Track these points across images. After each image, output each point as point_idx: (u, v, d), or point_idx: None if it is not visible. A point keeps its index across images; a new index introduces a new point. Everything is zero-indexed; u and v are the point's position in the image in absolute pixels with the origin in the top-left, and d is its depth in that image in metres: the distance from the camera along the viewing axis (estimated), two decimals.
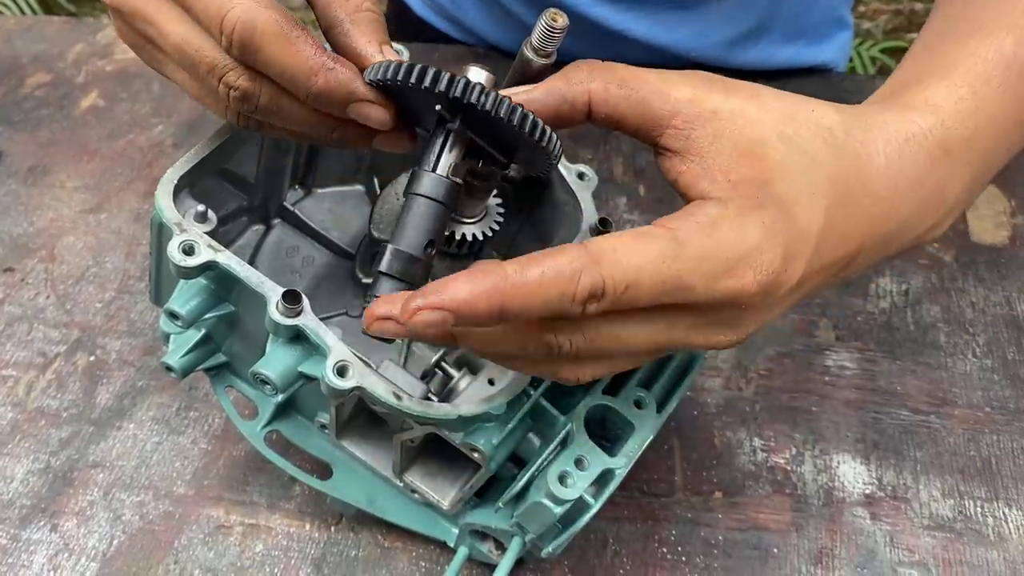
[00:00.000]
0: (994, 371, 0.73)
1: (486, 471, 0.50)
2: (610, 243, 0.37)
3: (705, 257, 0.37)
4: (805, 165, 0.41)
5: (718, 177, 0.40)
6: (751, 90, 0.43)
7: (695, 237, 0.38)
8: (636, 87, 0.42)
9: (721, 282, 0.38)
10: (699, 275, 0.37)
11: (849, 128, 0.44)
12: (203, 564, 0.61)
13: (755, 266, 0.38)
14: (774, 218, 0.39)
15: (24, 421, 0.69)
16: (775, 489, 0.66)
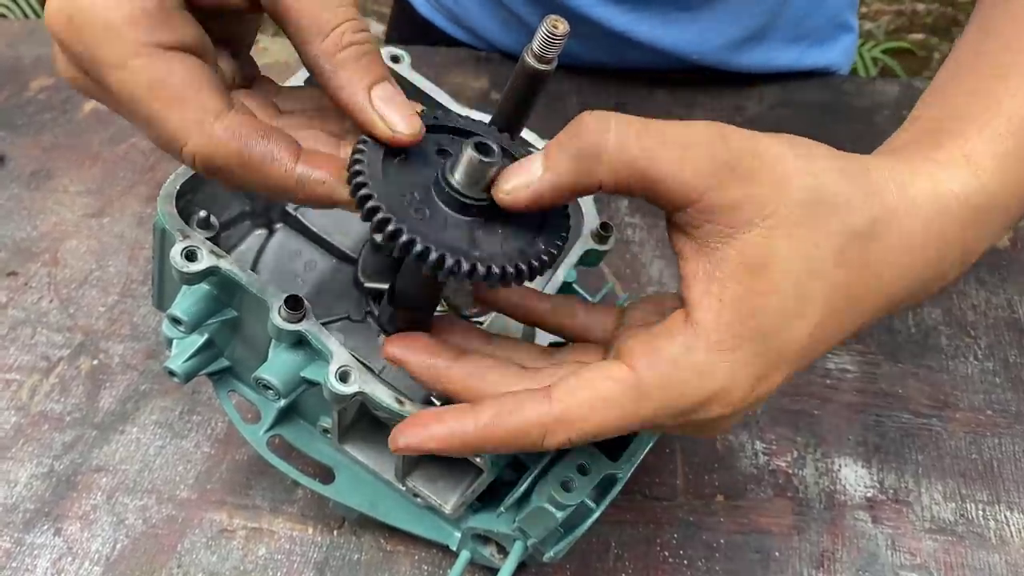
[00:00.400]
0: (996, 374, 0.73)
1: (488, 475, 0.51)
2: (575, 399, 0.39)
3: (668, 404, 0.39)
4: (807, 277, 0.39)
5: (712, 289, 0.39)
6: (776, 173, 0.39)
7: (658, 383, 0.38)
8: (650, 164, 0.38)
9: (686, 418, 0.39)
10: (663, 417, 0.39)
11: (875, 215, 0.40)
12: (206, 568, 0.61)
13: (721, 402, 0.39)
14: (747, 358, 0.38)
15: (28, 425, 0.69)
16: (777, 492, 0.66)
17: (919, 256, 0.42)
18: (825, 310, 0.39)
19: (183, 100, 0.37)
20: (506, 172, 0.40)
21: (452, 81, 0.95)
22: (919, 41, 2.41)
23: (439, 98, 0.57)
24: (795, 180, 0.39)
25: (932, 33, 2.40)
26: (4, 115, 0.94)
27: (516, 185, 0.40)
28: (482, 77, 0.96)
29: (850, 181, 0.40)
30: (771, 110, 0.94)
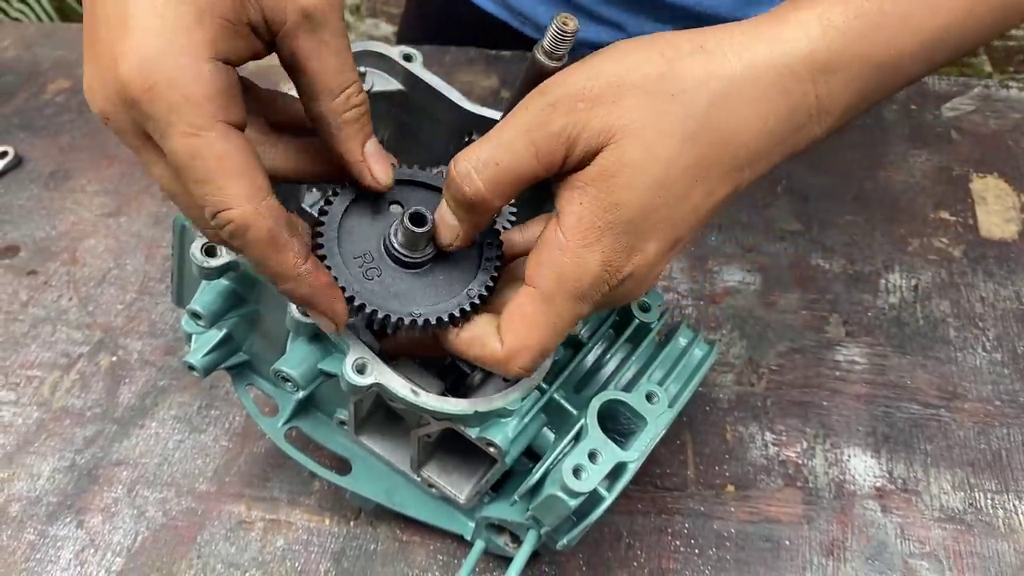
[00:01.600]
0: (1004, 365, 0.73)
1: (502, 465, 0.52)
2: (513, 334, 0.46)
3: (571, 298, 0.45)
4: (660, 167, 0.43)
5: (574, 196, 0.44)
6: (611, 97, 0.43)
7: (554, 287, 0.44)
8: (512, 174, 0.44)
9: (594, 301, 0.45)
10: (577, 309, 0.45)
11: (712, 90, 0.44)
12: (225, 559, 0.62)
13: (611, 280, 0.45)
14: (612, 244, 0.44)
15: (49, 420, 0.70)
16: (786, 482, 0.66)
17: (768, 114, 0.45)
18: (683, 186, 0.44)
19: (242, 174, 0.41)
20: (437, 232, 0.47)
21: (463, 80, 0.96)
22: None
23: (451, 95, 0.58)
24: (630, 96, 0.43)
25: None
26: (23, 117, 0.95)
27: (448, 241, 0.47)
28: (492, 76, 0.97)
29: (685, 67, 0.44)
30: None
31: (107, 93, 0.41)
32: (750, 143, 0.45)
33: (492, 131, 0.45)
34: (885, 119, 0.93)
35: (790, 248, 0.82)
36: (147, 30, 0.40)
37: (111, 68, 0.40)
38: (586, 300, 0.45)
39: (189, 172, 0.41)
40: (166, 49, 0.40)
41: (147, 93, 0.40)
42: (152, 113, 0.40)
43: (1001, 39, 2.37)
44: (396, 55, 0.59)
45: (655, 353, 0.56)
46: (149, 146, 0.42)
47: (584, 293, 0.44)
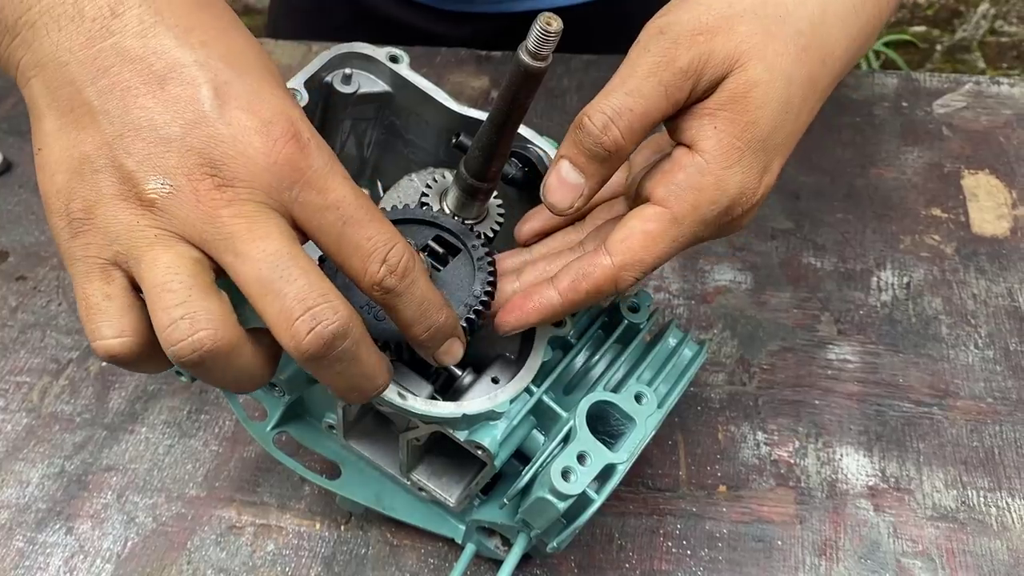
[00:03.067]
0: (996, 362, 0.73)
1: (491, 468, 0.51)
2: (628, 246, 0.46)
3: (701, 220, 0.46)
4: (783, 85, 0.46)
5: (706, 122, 0.46)
6: (727, 30, 0.46)
7: (689, 208, 0.45)
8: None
9: (717, 225, 0.47)
10: (700, 232, 0.47)
11: (809, 8, 0.49)
12: (215, 564, 0.62)
13: (742, 203, 0.47)
14: (749, 163, 0.46)
15: (39, 426, 0.70)
16: (779, 482, 0.66)
17: (852, 22, 0.51)
18: (800, 100, 0.47)
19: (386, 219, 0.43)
20: (555, 197, 0.48)
21: (452, 80, 0.96)
22: (920, 33, 2.41)
23: (438, 97, 0.58)
24: (743, 23, 0.46)
25: (934, 25, 2.40)
26: (11, 122, 0.95)
27: (568, 203, 0.48)
28: (482, 76, 0.97)
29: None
30: None
31: (232, 157, 0.39)
32: (841, 57, 0.50)
33: (612, 82, 0.46)
34: (876, 116, 0.93)
35: (781, 246, 0.81)
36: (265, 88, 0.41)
37: (252, 128, 0.40)
38: (710, 225, 0.47)
39: (357, 214, 0.41)
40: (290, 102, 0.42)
41: (304, 147, 0.40)
42: (314, 163, 0.40)
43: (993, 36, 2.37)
44: (382, 56, 0.59)
45: (644, 354, 0.56)
46: (269, 221, 0.40)
47: (714, 217, 0.46)
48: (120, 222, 0.39)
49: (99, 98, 0.40)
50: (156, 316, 0.39)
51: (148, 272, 0.39)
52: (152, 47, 0.40)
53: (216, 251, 0.39)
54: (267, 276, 0.39)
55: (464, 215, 0.53)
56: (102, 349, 0.40)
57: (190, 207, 0.39)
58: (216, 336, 0.38)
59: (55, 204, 0.41)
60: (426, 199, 0.54)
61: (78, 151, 0.40)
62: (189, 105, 0.40)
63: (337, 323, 0.39)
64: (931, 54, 2.43)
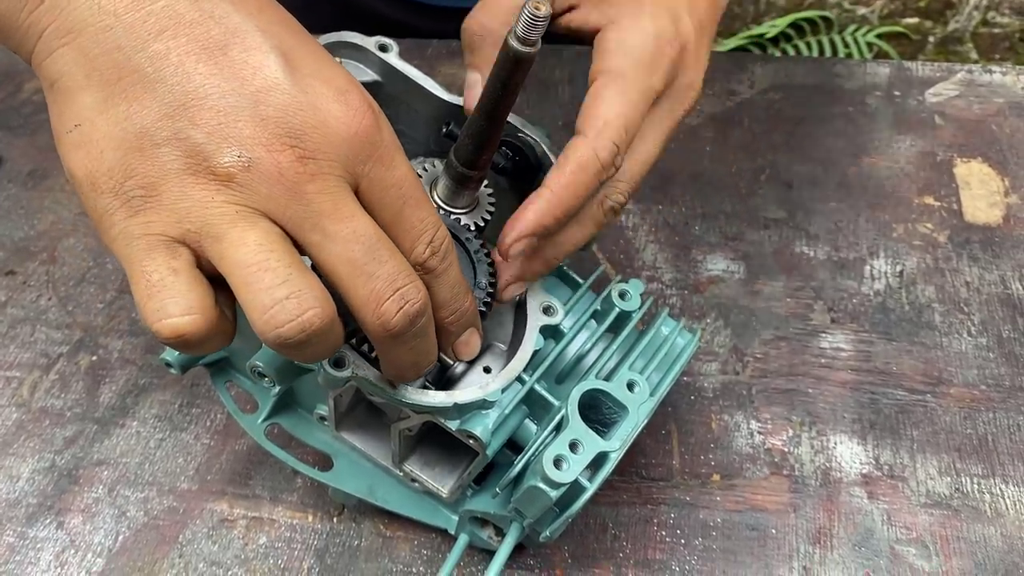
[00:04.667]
0: (989, 349, 0.73)
1: (483, 458, 0.51)
2: (590, 117, 0.49)
3: (640, 69, 0.50)
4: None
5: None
6: None
7: (622, 61, 0.50)
8: None
9: (665, 77, 0.51)
10: (649, 82, 0.50)
11: None
12: (207, 558, 0.62)
13: (669, 51, 0.51)
14: (654, 13, 0.51)
15: (29, 421, 0.69)
16: (772, 471, 0.66)
17: None
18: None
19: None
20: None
21: (445, 72, 0.96)
22: (913, 25, 2.41)
23: (428, 86, 0.57)
24: None
25: (926, 17, 2.40)
26: (0, 117, 0.94)
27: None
28: None
29: None
30: (763, 94, 0.94)
31: (313, 127, 0.37)
32: None
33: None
34: (868, 105, 0.93)
35: (774, 236, 0.81)
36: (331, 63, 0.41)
37: (330, 97, 0.38)
38: (655, 71, 0.50)
39: (416, 193, 0.41)
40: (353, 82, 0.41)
41: (378, 119, 0.40)
42: (385, 137, 0.40)
43: (986, 27, 2.37)
44: (371, 45, 0.58)
45: (636, 342, 0.55)
46: (350, 197, 0.39)
47: (649, 59, 0.49)
48: (191, 198, 0.36)
49: (152, 64, 0.36)
50: (255, 297, 0.36)
51: (236, 251, 0.36)
52: (208, 10, 0.37)
53: (300, 229, 0.37)
54: (359, 258, 0.38)
55: (454, 204, 0.53)
56: (169, 328, 0.36)
57: (272, 181, 0.36)
58: (323, 314, 0.37)
59: (105, 183, 0.37)
60: None
61: (132, 124, 0.36)
62: (258, 71, 0.37)
63: (420, 301, 0.40)
64: (924, 46, 2.43)
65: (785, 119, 0.91)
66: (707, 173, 0.86)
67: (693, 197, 0.84)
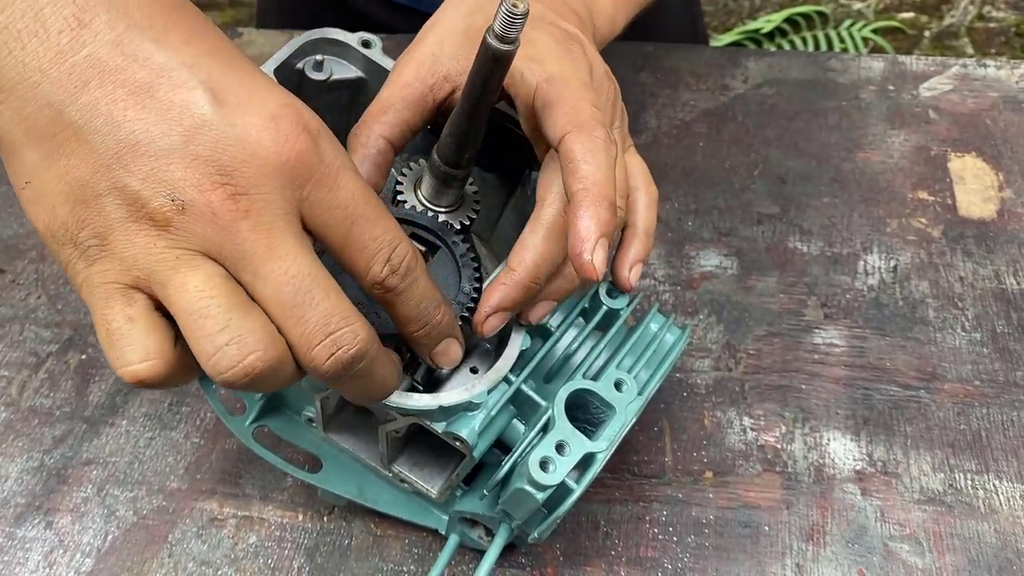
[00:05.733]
0: (983, 344, 0.73)
1: (470, 459, 0.51)
2: (569, 119, 0.47)
3: (582, 84, 0.49)
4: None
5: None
6: None
7: (574, 79, 0.49)
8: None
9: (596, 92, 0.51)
10: (589, 94, 0.49)
11: None
12: (197, 557, 0.62)
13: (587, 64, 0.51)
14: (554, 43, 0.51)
15: (17, 420, 0.69)
16: (765, 468, 0.66)
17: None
18: None
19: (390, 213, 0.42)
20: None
21: None
22: (909, 20, 2.40)
23: None
24: None
25: (921, 11, 2.39)
26: None
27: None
28: None
29: None
30: (756, 88, 0.93)
31: (243, 161, 0.37)
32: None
33: None
34: (862, 100, 0.92)
35: (767, 231, 0.81)
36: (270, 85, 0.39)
37: (259, 125, 0.37)
38: (589, 86, 0.49)
39: (365, 211, 0.39)
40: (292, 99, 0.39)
41: (316, 140, 0.38)
42: (325, 157, 0.38)
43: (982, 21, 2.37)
44: (354, 42, 0.58)
45: (625, 340, 0.55)
46: (288, 231, 0.38)
47: (581, 76, 0.49)
48: (136, 246, 0.37)
49: (83, 117, 0.37)
50: (197, 343, 0.37)
51: (178, 297, 0.37)
52: (131, 54, 0.37)
53: (235, 270, 0.37)
54: (288, 300, 0.37)
55: (439, 203, 0.52)
56: (129, 375, 0.37)
57: (207, 222, 0.36)
58: (266, 356, 0.37)
59: (62, 236, 0.38)
60: (400, 187, 0.53)
61: (74, 178, 0.37)
62: (185, 110, 0.37)
63: (357, 347, 0.39)
64: (919, 40, 2.42)
65: (779, 114, 0.91)
66: (700, 168, 0.86)
67: (686, 193, 0.84)
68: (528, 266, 0.47)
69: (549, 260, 0.48)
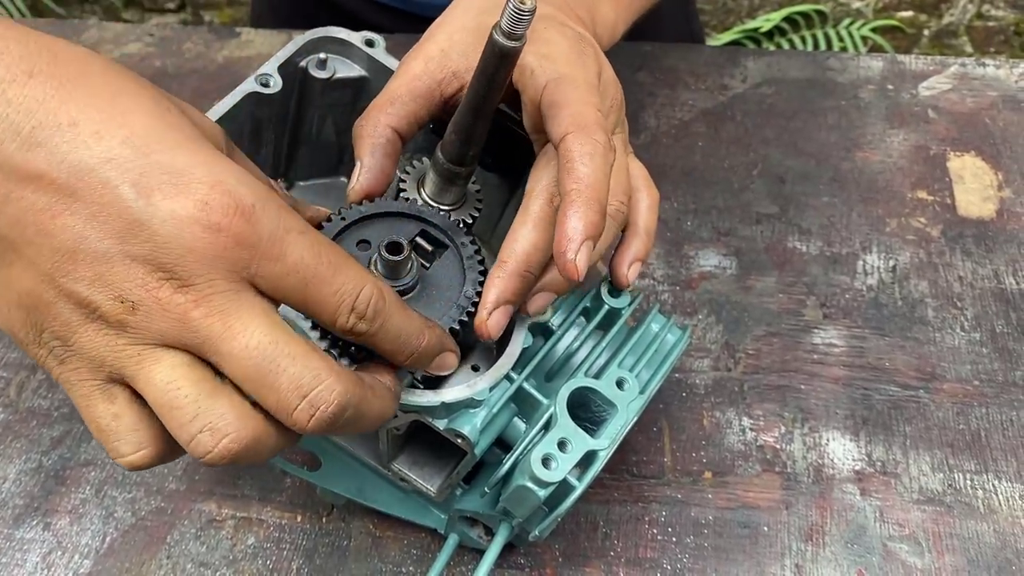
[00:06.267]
0: (982, 344, 0.73)
1: (471, 457, 0.51)
2: (572, 117, 0.47)
3: (585, 81, 0.49)
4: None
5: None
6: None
7: (581, 74, 0.49)
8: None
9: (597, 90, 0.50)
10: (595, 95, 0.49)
11: None
12: (195, 558, 0.61)
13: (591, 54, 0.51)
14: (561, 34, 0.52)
15: (16, 422, 0.69)
16: (765, 468, 0.66)
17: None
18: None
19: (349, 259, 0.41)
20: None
21: None
22: (908, 19, 2.40)
23: None
24: None
25: (920, 10, 2.39)
26: None
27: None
28: None
29: None
30: (755, 88, 0.93)
31: (181, 255, 0.36)
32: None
33: None
34: (861, 99, 0.92)
35: (766, 231, 0.81)
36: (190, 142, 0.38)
37: (191, 218, 0.36)
38: (596, 89, 0.49)
39: (318, 270, 0.39)
40: (233, 168, 0.38)
41: (250, 216, 0.37)
42: (264, 230, 0.37)
43: (981, 20, 2.37)
44: (358, 41, 0.58)
45: (626, 339, 0.55)
46: (242, 307, 0.38)
47: (589, 79, 0.49)
48: (98, 345, 0.37)
49: (13, 230, 0.36)
50: (174, 433, 0.38)
51: (147, 390, 0.37)
52: (43, 158, 0.35)
53: (200, 353, 0.38)
54: (255, 374, 0.37)
55: (442, 201, 0.52)
56: (127, 464, 0.39)
57: (159, 317, 0.37)
58: (240, 436, 0.38)
59: (26, 337, 0.38)
60: (404, 185, 0.53)
61: (19, 287, 0.37)
62: (113, 211, 0.36)
63: (336, 403, 0.39)
64: (918, 39, 2.42)
65: (778, 113, 0.91)
66: (699, 168, 0.86)
67: (685, 192, 0.84)
68: (518, 255, 0.47)
69: (540, 248, 0.47)
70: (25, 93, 0.36)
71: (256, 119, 0.56)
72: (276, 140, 0.61)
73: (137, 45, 0.99)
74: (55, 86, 0.37)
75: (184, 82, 0.93)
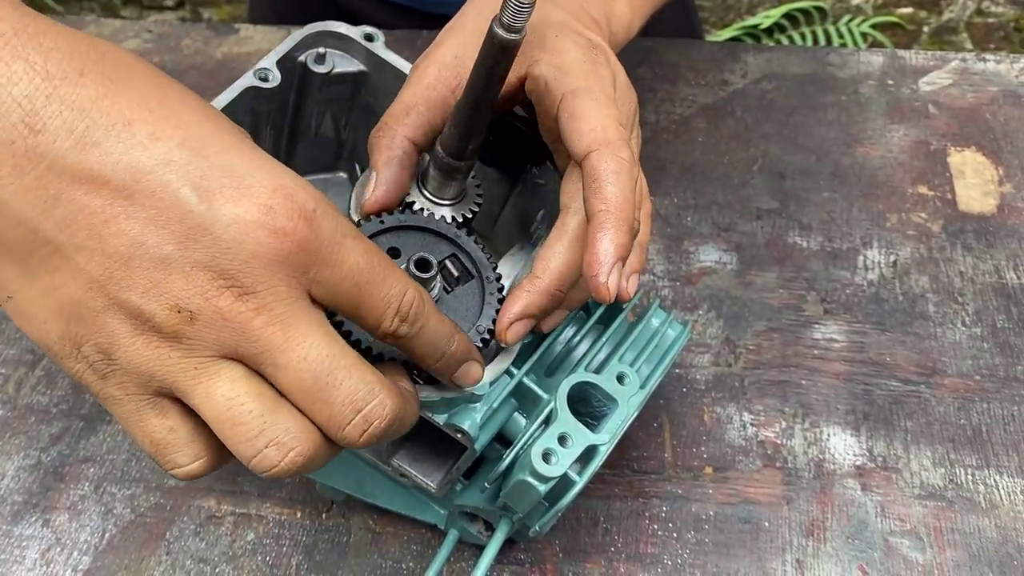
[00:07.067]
0: (983, 339, 0.73)
1: (472, 452, 0.50)
2: (595, 130, 0.47)
3: (605, 94, 0.49)
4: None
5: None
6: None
7: (599, 89, 0.49)
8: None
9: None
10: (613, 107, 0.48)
11: None
12: (195, 554, 0.61)
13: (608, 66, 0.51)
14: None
15: (14, 418, 0.69)
16: (765, 463, 0.66)
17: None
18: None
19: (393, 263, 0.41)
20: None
21: None
22: (907, 15, 2.40)
23: None
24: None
25: (920, 7, 2.39)
26: None
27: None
28: None
29: None
30: (755, 83, 0.93)
31: (244, 261, 0.35)
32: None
33: None
34: (862, 95, 0.92)
35: (767, 226, 0.81)
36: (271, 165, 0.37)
37: (255, 222, 0.35)
38: (613, 101, 0.49)
39: (371, 275, 0.38)
40: (296, 179, 0.38)
41: (312, 221, 0.36)
42: (324, 235, 0.37)
43: (980, 16, 2.37)
44: (357, 35, 0.57)
45: (627, 334, 0.55)
46: (302, 316, 0.37)
47: (606, 90, 0.49)
48: (149, 359, 0.35)
49: (63, 233, 0.34)
50: (235, 448, 0.37)
51: (206, 406, 0.36)
52: (98, 159, 0.34)
53: (256, 364, 0.37)
54: (311, 387, 0.37)
55: (442, 196, 0.52)
56: (183, 475, 0.39)
57: (218, 327, 0.35)
58: (304, 449, 0.37)
59: (62, 350, 0.36)
60: None
61: (64, 295, 0.35)
62: (173, 216, 0.34)
63: (388, 417, 0.38)
64: (918, 36, 2.42)
65: (778, 109, 0.91)
66: (699, 164, 0.86)
67: (685, 188, 0.83)
68: (553, 273, 0.47)
69: (573, 268, 0.47)
70: (78, 92, 0.34)
71: (255, 114, 0.56)
72: (275, 135, 0.61)
73: (135, 42, 0.98)
74: (107, 85, 0.35)
75: (182, 79, 0.92)
